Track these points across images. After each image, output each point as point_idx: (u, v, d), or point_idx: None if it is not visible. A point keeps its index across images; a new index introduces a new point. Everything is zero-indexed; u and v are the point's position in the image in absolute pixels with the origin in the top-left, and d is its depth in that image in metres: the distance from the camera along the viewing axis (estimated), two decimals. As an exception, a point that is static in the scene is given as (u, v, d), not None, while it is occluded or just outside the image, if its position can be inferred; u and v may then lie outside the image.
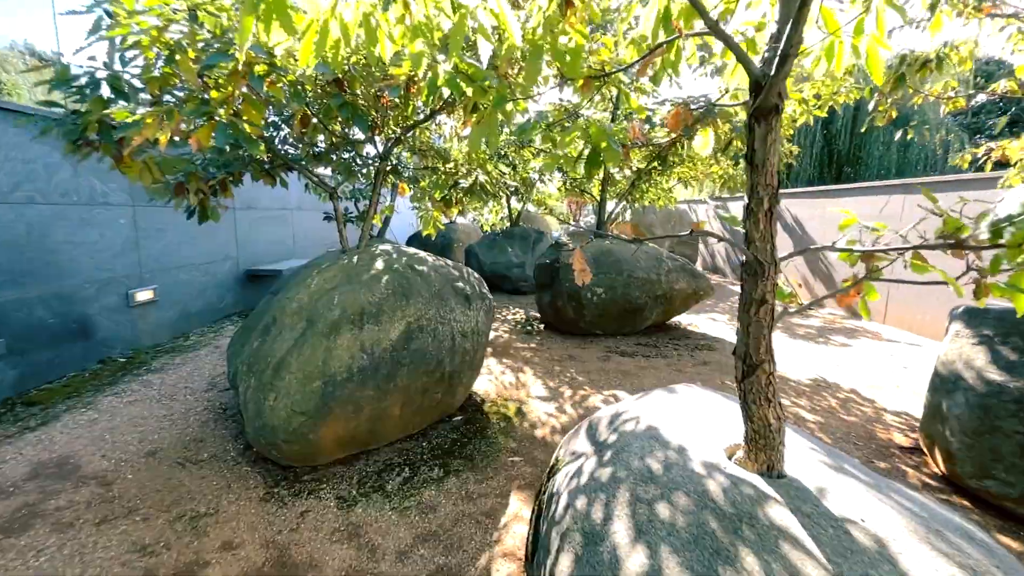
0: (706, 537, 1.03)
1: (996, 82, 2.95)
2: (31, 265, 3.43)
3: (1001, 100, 4.04)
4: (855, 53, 1.42)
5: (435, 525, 2.09)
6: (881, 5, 1.35)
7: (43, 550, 1.88)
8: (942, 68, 2.87)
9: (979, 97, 2.98)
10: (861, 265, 1.39)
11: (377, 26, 1.25)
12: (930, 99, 3.23)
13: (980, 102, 3.08)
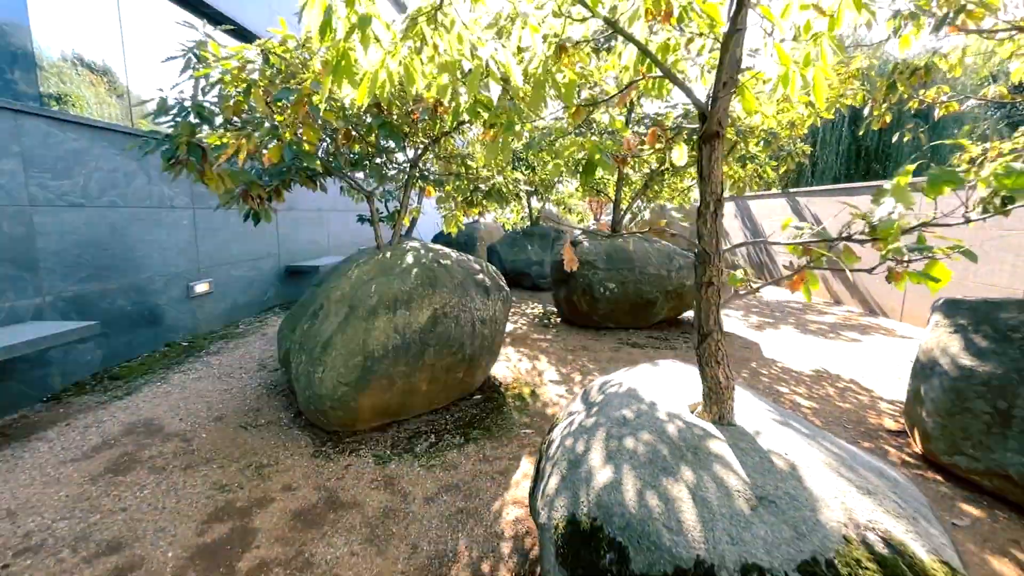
0: (658, 460, 1.36)
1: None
2: (113, 260, 3.99)
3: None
4: (804, 81, 1.71)
5: (456, 479, 2.46)
6: (824, 43, 1.64)
7: (144, 486, 2.35)
8: (929, 75, 3.05)
9: (969, 102, 3.15)
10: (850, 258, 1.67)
11: (413, 69, 1.62)
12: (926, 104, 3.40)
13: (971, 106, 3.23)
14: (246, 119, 2.46)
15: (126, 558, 1.87)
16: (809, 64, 1.68)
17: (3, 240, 3.10)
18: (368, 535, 2.03)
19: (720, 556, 1.09)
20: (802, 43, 1.69)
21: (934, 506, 2.29)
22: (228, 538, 2.00)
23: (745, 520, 1.16)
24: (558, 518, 1.37)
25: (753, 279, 1.87)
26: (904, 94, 3.29)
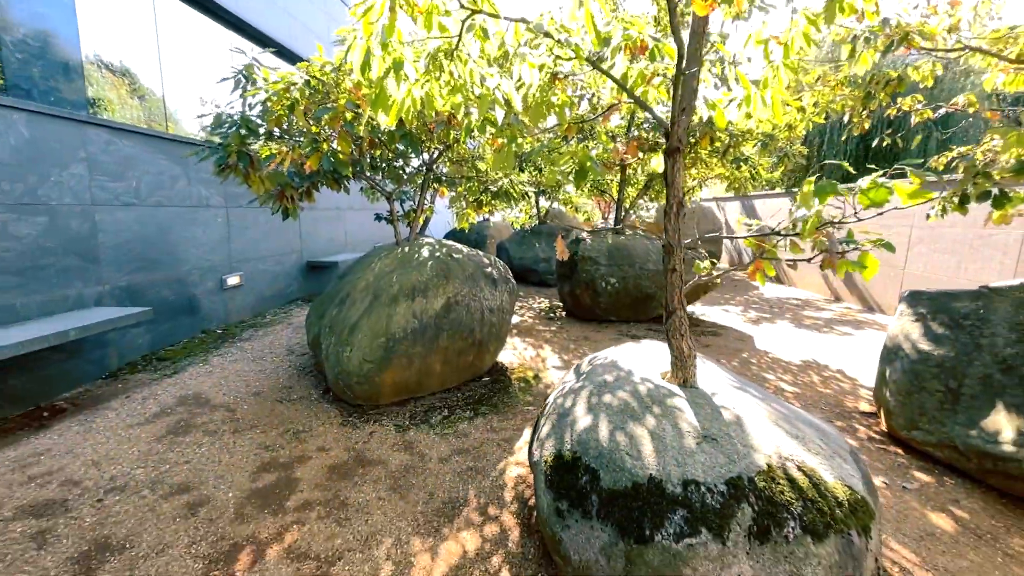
0: (627, 410, 1.69)
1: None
2: (158, 254, 4.43)
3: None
4: (763, 101, 2.02)
5: (467, 445, 2.82)
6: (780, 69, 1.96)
7: (201, 445, 2.75)
8: (903, 85, 3.32)
9: (940, 111, 3.41)
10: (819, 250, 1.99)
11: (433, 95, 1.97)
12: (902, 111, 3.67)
13: (941, 115, 3.48)
14: (285, 131, 2.85)
15: (194, 497, 2.26)
16: (767, 86, 2.00)
17: (72, 236, 3.54)
18: (392, 485, 2.40)
19: (667, 474, 1.43)
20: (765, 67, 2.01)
21: (891, 473, 2.61)
22: (276, 484, 2.38)
23: (690, 451, 1.49)
24: (547, 455, 1.72)
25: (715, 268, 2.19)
26: (882, 102, 3.55)
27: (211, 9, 5.34)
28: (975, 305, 2.67)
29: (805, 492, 1.38)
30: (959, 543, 2.06)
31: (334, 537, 2.02)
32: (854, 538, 1.34)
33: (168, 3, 4.76)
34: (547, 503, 1.63)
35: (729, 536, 1.30)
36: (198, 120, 4.97)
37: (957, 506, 2.33)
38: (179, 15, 4.95)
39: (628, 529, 1.38)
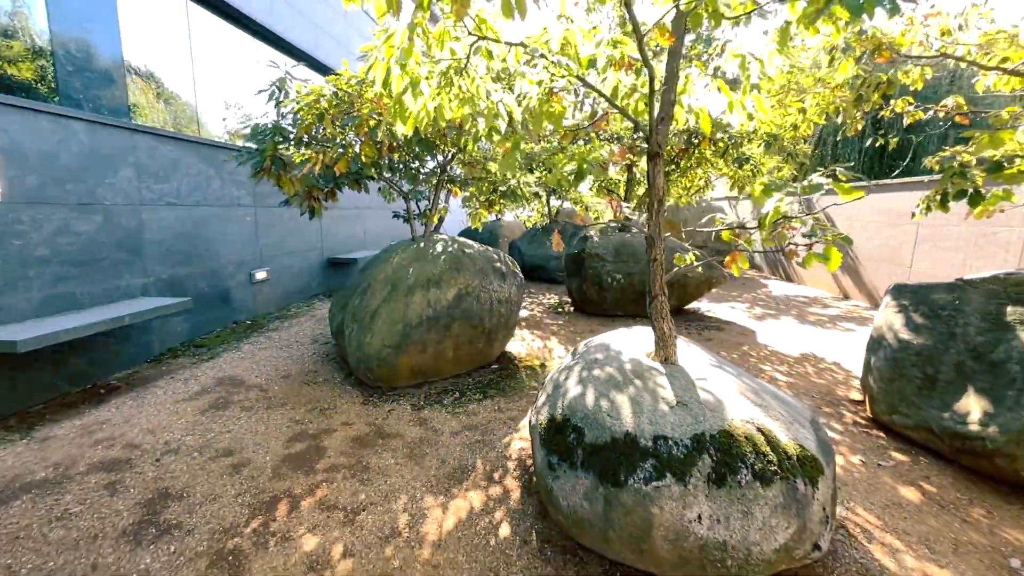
0: (612, 381, 1.94)
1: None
2: (196, 250, 4.81)
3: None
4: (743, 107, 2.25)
5: (476, 422, 3.10)
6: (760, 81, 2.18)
7: (239, 418, 3.08)
8: (893, 88, 3.48)
9: (929, 112, 3.55)
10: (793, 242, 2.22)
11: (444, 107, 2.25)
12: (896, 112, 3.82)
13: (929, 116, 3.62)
14: (313, 137, 3.17)
15: (237, 459, 2.58)
16: (747, 94, 2.23)
17: (122, 232, 3.92)
18: (408, 453, 2.69)
19: (641, 431, 1.68)
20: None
21: (870, 453, 2.81)
22: (306, 451, 2.70)
23: (663, 413, 1.74)
24: (542, 419, 1.98)
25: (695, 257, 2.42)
26: (875, 104, 3.71)
27: (242, 21, 5.73)
28: (951, 297, 2.84)
29: (759, 447, 1.62)
30: (922, 511, 2.26)
31: (358, 493, 2.31)
32: (799, 485, 1.57)
33: (200, 14, 5.15)
34: (541, 459, 1.89)
35: (690, 480, 1.55)
36: (223, 123, 5.37)
37: (927, 481, 2.51)
38: (210, 26, 5.34)
39: (606, 476, 1.64)
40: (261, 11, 5.89)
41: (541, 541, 1.99)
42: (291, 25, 6.62)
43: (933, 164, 3.89)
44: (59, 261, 3.39)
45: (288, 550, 1.92)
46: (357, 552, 1.92)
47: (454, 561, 1.88)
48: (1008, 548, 2.01)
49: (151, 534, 1.99)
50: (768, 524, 1.52)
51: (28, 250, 3.19)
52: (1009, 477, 2.36)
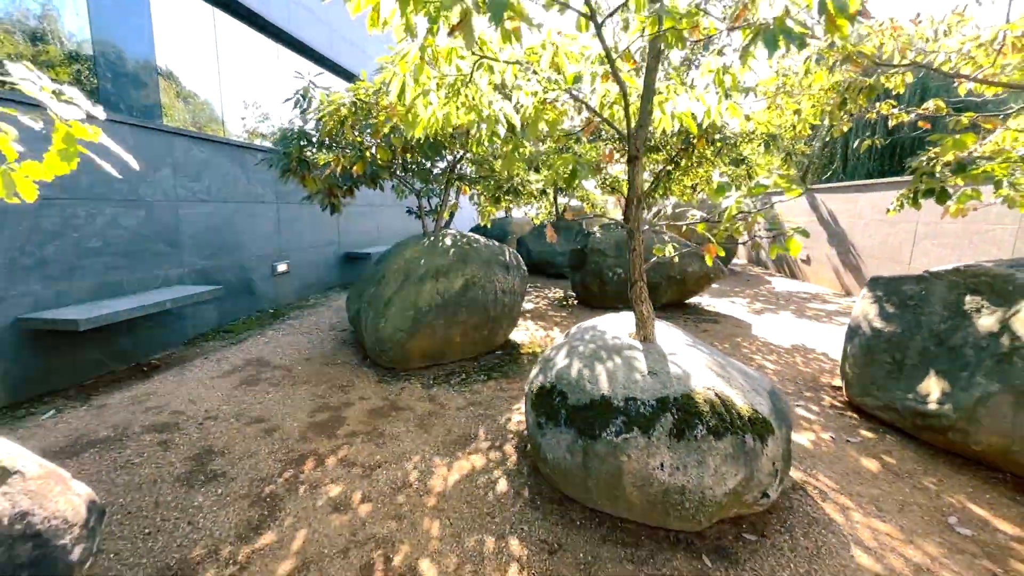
0: (595, 356, 2.23)
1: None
2: (224, 243, 5.20)
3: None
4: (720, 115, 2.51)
5: (479, 399, 3.41)
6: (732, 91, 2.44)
7: (268, 392, 3.44)
8: (874, 92, 3.68)
9: (911, 116, 3.75)
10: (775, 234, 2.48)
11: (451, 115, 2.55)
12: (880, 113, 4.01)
13: (914, 119, 3.81)
14: (334, 141, 3.50)
15: (269, 425, 2.93)
16: (720, 103, 2.49)
17: (161, 226, 4.31)
18: (418, 423, 3.01)
19: (614, 394, 1.97)
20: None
21: (841, 431, 3.04)
22: (328, 420, 3.03)
23: (635, 380, 2.03)
24: (534, 387, 2.28)
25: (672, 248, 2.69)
26: (861, 106, 3.92)
27: (261, 25, 6.10)
28: (918, 288, 3.06)
29: (715, 408, 1.90)
30: (877, 479, 2.50)
31: (374, 454, 2.64)
32: (748, 441, 1.84)
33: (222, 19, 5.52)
34: (531, 420, 2.20)
35: (654, 434, 1.83)
36: (242, 122, 5.76)
37: (888, 455, 2.75)
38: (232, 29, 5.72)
39: (584, 431, 1.93)
40: (280, 16, 6.25)
41: (532, 494, 2.29)
42: (304, 25, 6.99)
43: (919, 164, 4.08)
44: (108, 252, 3.78)
45: (316, 495, 2.26)
46: (374, 498, 2.25)
47: (456, 507, 2.19)
48: (949, 509, 2.25)
49: (201, 480, 2.34)
50: (719, 471, 1.79)
51: (83, 241, 3.58)
52: (961, 450, 2.59)
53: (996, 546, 2.00)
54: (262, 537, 1.98)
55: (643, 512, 1.93)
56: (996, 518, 2.18)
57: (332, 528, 2.04)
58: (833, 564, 1.88)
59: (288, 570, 1.81)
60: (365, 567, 1.83)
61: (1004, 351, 2.45)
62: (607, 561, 1.87)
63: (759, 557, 1.90)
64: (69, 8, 3.74)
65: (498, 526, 2.07)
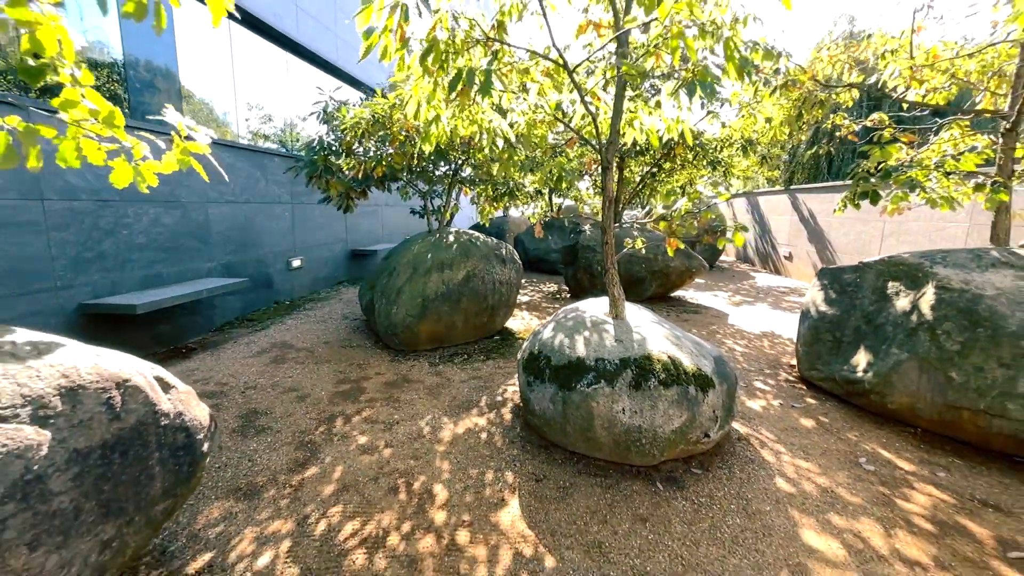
0: (575, 328, 2.74)
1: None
2: (247, 240, 5.70)
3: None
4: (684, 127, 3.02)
5: (480, 374, 3.92)
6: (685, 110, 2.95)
7: (295, 368, 3.94)
8: (825, 108, 4.20)
9: (857, 127, 4.27)
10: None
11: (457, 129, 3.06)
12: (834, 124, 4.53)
13: (858, 130, 4.32)
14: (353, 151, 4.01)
15: (301, 393, 3.44)
16: (679, 123, 3.00)
17: (194, 224, 4.81)
18: (427, 392, 3.53)
19: (587, 356, 2.48)
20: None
21: (788, 399, 3.54)
22: (350, 390, 3.54)
23: (604, 345, 2.54)
24: (525, 355, 2.80)
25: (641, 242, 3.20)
26: (816, 117, 4.44)
27: (273, 35, 6.60)
28: (855, 276, 3.58)
29: (666, 366, 2.41)
30: (810, 433, 3.02)
31: (392, 414, 3.15)
32: (691, 390, 2.36)
33: (238, 31, 6.02)
34: (523, 380, 2.71)
35: (617, 384, 2.35)
36: (245, 123, 6.24)
37: (824, 416, 3.27)
38: (245, 39, 6.21)
39: (563, 384, 2.45)
40: (290, 26, 6.74)
41: (523, 442, 2.81)
42: (314, 36, 7.49)
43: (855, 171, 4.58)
44: (152, 247, 4.29)
45: (347, 443, 2.77)
46: (394, 445, 2.76)
47: (461, 451, 2.71)
48: (862, 453, 2.77)
49: (252, 432, 2.86)
50: (668, 413, 2.31)
51: (132, 238, 4.08)
52: (880, 409, 3.12)
53: (892, 477, 2.53)
54: (308, 470, 2.49)
55: (611, 451, 2.45)
56: (898, 459, 2.70)
57: (363, 464, 2.55)
58: (758, 488, 2.40)
59: (332, 491, 2.32)
60: (392, 489, 2.34)
61: (912, 326, 2.97)
62: (581, 486, 2.38)
63: (701, 484, 2.42)
64: (112, 34, 4.24)
65: (495, 463, 2.58)
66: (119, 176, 1.78)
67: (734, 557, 1.93)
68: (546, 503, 2.25)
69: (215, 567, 1.83)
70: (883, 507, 2.27)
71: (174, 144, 1.84)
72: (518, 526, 2.09)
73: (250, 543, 1.96)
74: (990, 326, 2.64)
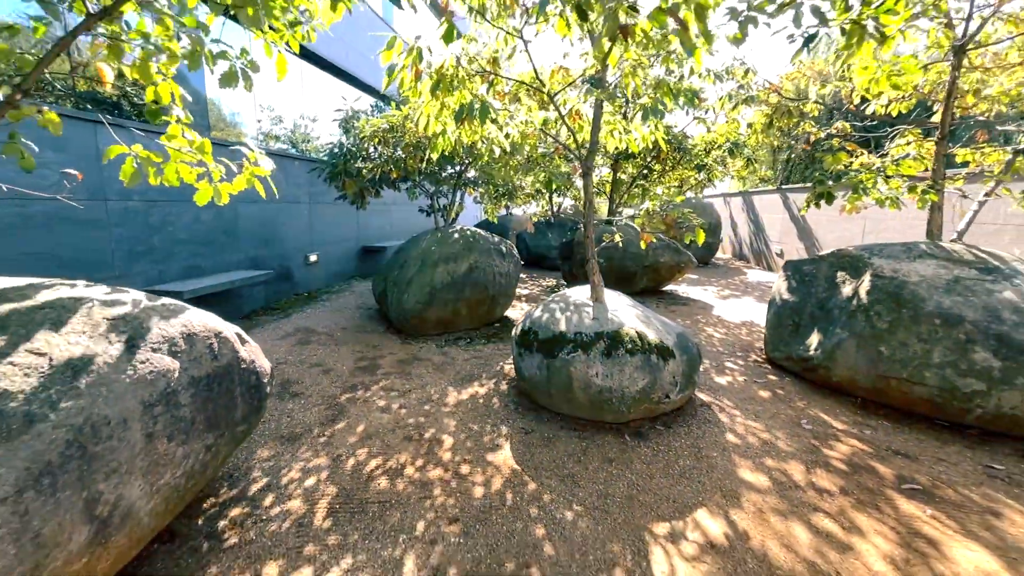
0: (560, 309, 3.24)
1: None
2: (271, 236, 6.25)
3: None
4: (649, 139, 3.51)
5: (481, 355, 4.43)
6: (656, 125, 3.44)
7: (319, 349, 4.48)
8: (791, 116, 4.67)
9: (823, 133, 4.73)
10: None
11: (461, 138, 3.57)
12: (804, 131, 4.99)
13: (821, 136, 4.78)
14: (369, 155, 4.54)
15: (325, 368, 3.97)
16: (652, 134, 3.49)
17: (226, 222, 5.36)
18: (435, 368, 4.04)
19: (568, 331, 2.98)
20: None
21: (753, 375, 4.01)
22: (368, 365, 4.07)
23: (583, 323, 3.04)
24: (518, 330, 3.30)
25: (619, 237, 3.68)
26: (787, 125, 4.90)
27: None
28: (812, 267, 4.05)
29: (633, 339, 2.91)
30: (765, 402, 3.50)
31: (405, 384, 3.67)
32: (652, 358, 2.85)
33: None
34: (515, 352, 3.22)
35: (592, 353, 2.85)
36: (258, 124, 6.78)
37: (780, 389, 3.74)
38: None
39: (547, 353, 2.95)
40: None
41: (516, 406, 3.32)
42: (325, 42, 8.02)
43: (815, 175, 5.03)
44: (192, 241, 4.84)
45: (368, 405, 3.29)
46: (408, 407, 3.28)
47: (463, 412, 3.22)
48: (805, 416, 3.25)
49: (287, 396, 3.39)
50: (632, 376, 2.81)
51: (176, 233, 4.63)
52: (826, 382, 3.59)
53: (824, 434, 3.01)
54: (337, 425, 3.02)
55: (588, 410, 2.95)
56: (835, 421, 3.18)
57: (383, 421, 3.07)
58: (710, 440, 2.89)
59: (357, 438, 2.84)
60: (407, 437, 2.86)
61: (852, 309, 3.44)
62: (563, 437, 2.89)
63: (662, 437, 2.91)
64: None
65: (492, 421, 3.10)
66: (202, 195, 2.30)
67: (679, 486, 2.43)
68: (532, 448, 2.76)
69: (271, 487, 2.36)
70: (810, 454, 2.75)
71: (244, 168, 2.35)
72: (509, 463, 2.60)
73: (296, 472, 2.49)
74: (912, 307, 3.11)
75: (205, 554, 1.89)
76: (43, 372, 1.31)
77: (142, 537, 1.62)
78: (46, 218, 3.55)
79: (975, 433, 2.96)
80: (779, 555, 1.96)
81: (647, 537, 2.04)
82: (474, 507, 2.22)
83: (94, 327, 1.52)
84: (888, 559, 1.94)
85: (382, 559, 1.89)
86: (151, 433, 1.55)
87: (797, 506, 2.28)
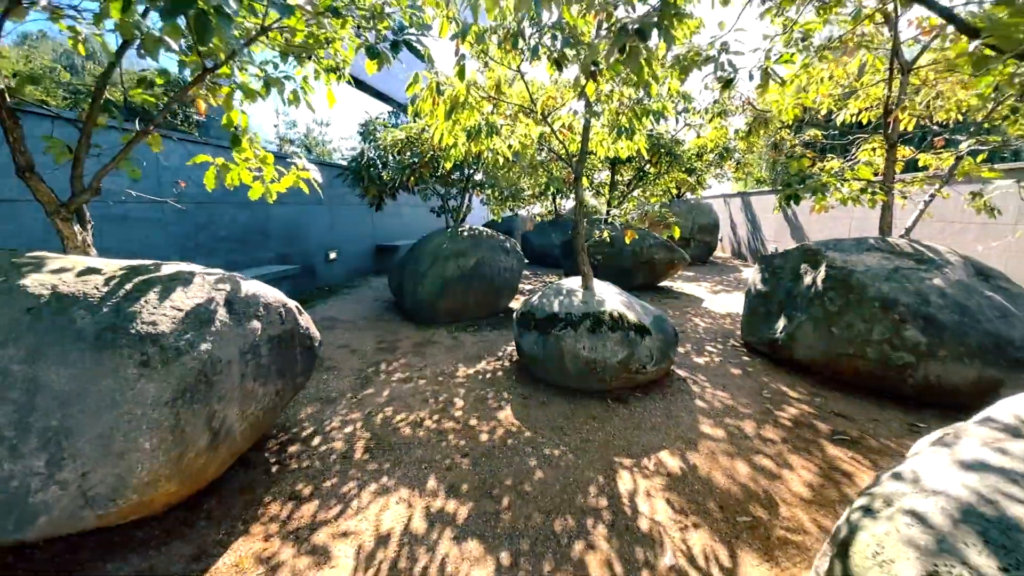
0: (554, 295, 3.78)
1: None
2: (295, 235, 6.86)
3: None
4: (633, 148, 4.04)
5: (487, 339, 4.98)
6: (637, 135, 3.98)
7: (344, 334, 5.06)
8: (769, 126, 5.16)
9: (800, 139, 5.22)
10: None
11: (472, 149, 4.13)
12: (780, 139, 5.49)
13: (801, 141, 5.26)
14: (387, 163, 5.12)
15: (351, 349, 4.55)
16: (635, 145, 4.02)
17: (258, 222, 5.97)
18: (447, 350, 4.60)
19: (560, 311, 3.53)
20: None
21: (728, 356, 4.52)
22: (388, 347, 4.64)
23: (573, 305, 3.58)
24: (518, 313, 3.86)
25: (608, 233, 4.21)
26: (767, 132, 5.40)
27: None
28: (781, 260, 4.55)
29: (615, 319, 3.44)
30: (735, 377, 4.01)
31: (421, 362, 4.24)
32: (631, 335, 3.38)
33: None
34: (516, 331, 3.77)
35: (579, 329, 3.39)
36: (274, 128, 7.43)
37: (750, 368, 4.25)
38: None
39: (542, 330, 3.50)
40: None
41: (517, 377, 3.86)
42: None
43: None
44: (231, 239, 5.45)
45: (391, 377, 3.86)
46: (425, 378, 3.84)
47: (471, 382, 3.77)
48: (766, 388, 3.76)
49: (322, 369, 3.97)
50: (613, 349, 3.34)
51: (218, 231, 5.24)
52: (789, 360, 4.09)
53: (779, 401, 3.51)
54: (365, 391, 3.59)
55: (576, 379, 3.49)
56: (791, 392, 3.69)
57: (404, 388, 3.64)
58: (681, 405, 3.41)
59: (383, 400, 3.41)
60: (424, 400, 3.42)
61: (811, 296, 3.94)
62: (556, 401, 3.43)
63: (640, 403, 3.44)
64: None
65: (496, 387, 3.65)
66: (255, 191, 2.90)
67: (648, 435, 2.96)
68: (530, 409, 3.31)
69: (318, 432, 2.93)
70: (763, 415, 3.27)
71: (292, 170, 2.94)
72: (510, 418, 3.15)
73: (336, 423, 3.06)
74: (858, 293, 3.61)
75: (275, 474, 2.46)
76: (183, 320, 1.89)
77: (235, 452, 2.19)
78: (120, 218, 4.17)
79: (912, 402, 3.45)
80: (721, 480, 2.49)
81: (617, 467, 2.58)
82: (481, 447, 2.78)
83: (208, 293, 2.10)
84: (807, 484, 2.46)
85: (409, 478, 2.46)
86: (244, 374, 2.12)
87: (743, 451, 2.80)
